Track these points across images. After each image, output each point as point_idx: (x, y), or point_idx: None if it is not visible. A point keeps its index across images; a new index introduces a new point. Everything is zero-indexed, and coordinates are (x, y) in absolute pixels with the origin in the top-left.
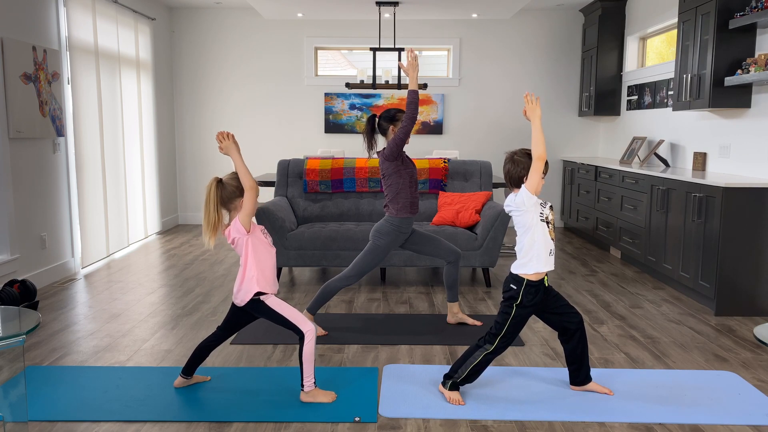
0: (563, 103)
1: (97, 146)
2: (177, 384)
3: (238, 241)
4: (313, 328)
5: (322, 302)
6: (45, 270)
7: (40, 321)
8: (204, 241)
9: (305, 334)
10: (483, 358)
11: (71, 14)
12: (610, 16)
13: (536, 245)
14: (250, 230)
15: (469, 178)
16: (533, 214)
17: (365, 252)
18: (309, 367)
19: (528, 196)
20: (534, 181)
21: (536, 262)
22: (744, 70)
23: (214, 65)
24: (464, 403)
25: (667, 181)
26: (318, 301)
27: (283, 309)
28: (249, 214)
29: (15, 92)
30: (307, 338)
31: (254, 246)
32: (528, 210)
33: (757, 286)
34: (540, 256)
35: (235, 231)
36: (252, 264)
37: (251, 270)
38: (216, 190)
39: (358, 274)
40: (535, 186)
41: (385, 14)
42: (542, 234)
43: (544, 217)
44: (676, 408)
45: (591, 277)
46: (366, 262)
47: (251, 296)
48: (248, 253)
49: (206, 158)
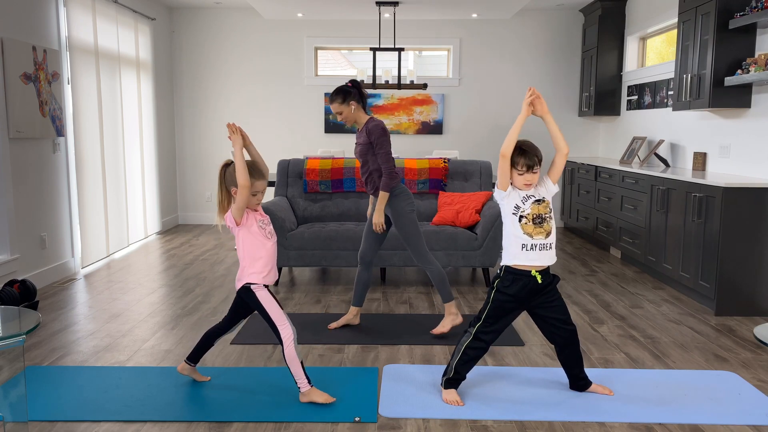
0: (563, 103)
1: (97, 146)
2: (180, 369)
3: (231, 229)
4: (291, 333)
5: (446, 289)
6: (45, 270)
7: (40, 321)
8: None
9: (283, 338)
10: (467, 345)
11: (71, 14)
12: (610, 16)
13: (507, 238)
14: (241, 223)
15: (469, 178)
16: (505, 206)
17: (408, 235)
18: (296, 369)
19: (496, 192)
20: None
21: (506, 253)
22: (744, 70)
23: (214, 65)
24: (463, 403)
25: (667, 181)
26: (444, 292)
27: (270, 306)
28: (238, 208)
29: (15, 92)
30: (285, 342)
31: (245, 238)
32: (500, 202)
33: (757, 286)
34: (509, 249)
35: (228, 220)
36: (243, 255)
37: (242, 261)
38: (221, 171)
39: (426, 252)
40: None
41: (385, 14)
42: (510, 227)
43: (520, 211)
44: (676, 408)
45: (591, 277)
46: (419, 241)
47: (241, 285)
48: (239, 244)
49: (206, 158)
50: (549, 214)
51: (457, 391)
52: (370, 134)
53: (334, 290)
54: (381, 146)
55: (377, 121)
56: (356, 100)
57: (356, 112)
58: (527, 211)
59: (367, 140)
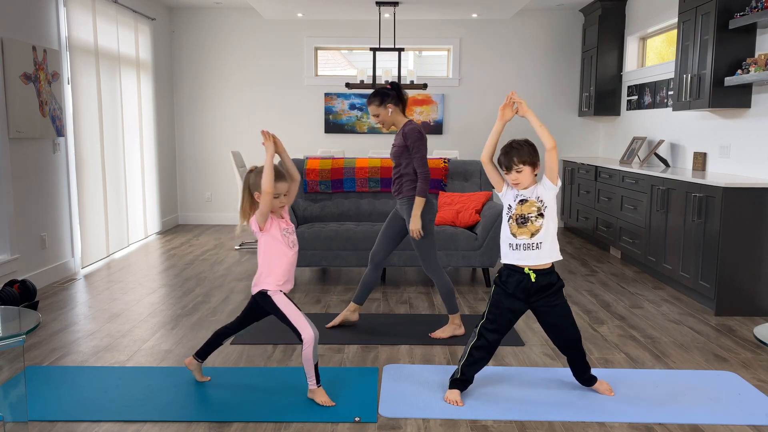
0: (563, 103)
1: (97, 146)
2: (187, 362)
3: (255, 233)
4: (312, 335)
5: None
6: (45, 270)
7: (40, 321)
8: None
9: (304, 340)
10: (472, 346)
11: (71, 14)
12: (610, 16)
13: (501, 236)
14: (264, 229)
15: (469, 178)
16: (504, 206)
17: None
18: (308, 369)
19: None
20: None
21: (502, 251)
22: (744, 70)
23: (214, 65)
24: (462, 404)
25: (667, 181)
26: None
27: (288, 310)
28: (261, 213)
29: (15, 92)
30: (305, 344)
31: (267, 244)
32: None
33: (757, 286)
34: (502, 247)
35: (252, 224)
36: (262, 261)
37: (261, 266)
38: (247, 176)
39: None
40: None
41: (385, 14)
42: (503, 226)
43: (510, 211)
44: (676, 408)
45: (591, 277)
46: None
47: (257, 290)
48: (260, 249)
49: (206, 158)
50: (535, 214)
51: (461, 393)
52: (406, 137)
53: (334, 290)
54: (417, 150)
55: (414, 125)
56: (394, 102)
57: (394, 114)
58: (513, 211)
59: (403, 143)
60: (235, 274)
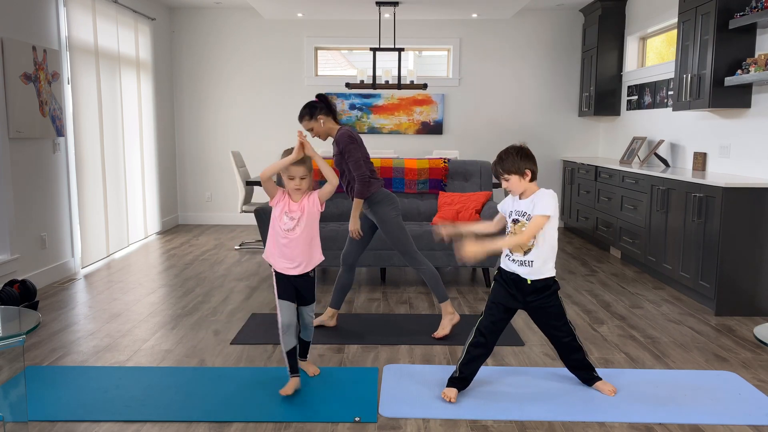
0: (563, 103)
1: (97, 146)
2: (303, 367)
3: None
4: (281, 322)
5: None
6: (45, 270)
7: (40, 321)
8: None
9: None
10: (470, 343)
11: (71, 14)
12: (610, 16)
13: None
14: (272, 204)
15: (469, 178)
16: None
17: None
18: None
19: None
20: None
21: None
22: (744, 70)
23: (214, 65)
24: (455, 400)
25: (667, 181)
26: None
27: (276, 291)
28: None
29: (15, 92)
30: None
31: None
32: None
33: (757, 286)
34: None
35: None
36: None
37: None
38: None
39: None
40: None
41: (385, 14)
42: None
43: (508, 228)
44: (676, 408)
45: (591, 277)
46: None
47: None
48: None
49: (206, 158)
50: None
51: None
52: (338, 144)
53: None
54: (349, 154)
55: (344, 130)
56: (324, 113)
57: (326, 124)
58: (509, 229)
59: (338, 150)
60: (235, 274)
